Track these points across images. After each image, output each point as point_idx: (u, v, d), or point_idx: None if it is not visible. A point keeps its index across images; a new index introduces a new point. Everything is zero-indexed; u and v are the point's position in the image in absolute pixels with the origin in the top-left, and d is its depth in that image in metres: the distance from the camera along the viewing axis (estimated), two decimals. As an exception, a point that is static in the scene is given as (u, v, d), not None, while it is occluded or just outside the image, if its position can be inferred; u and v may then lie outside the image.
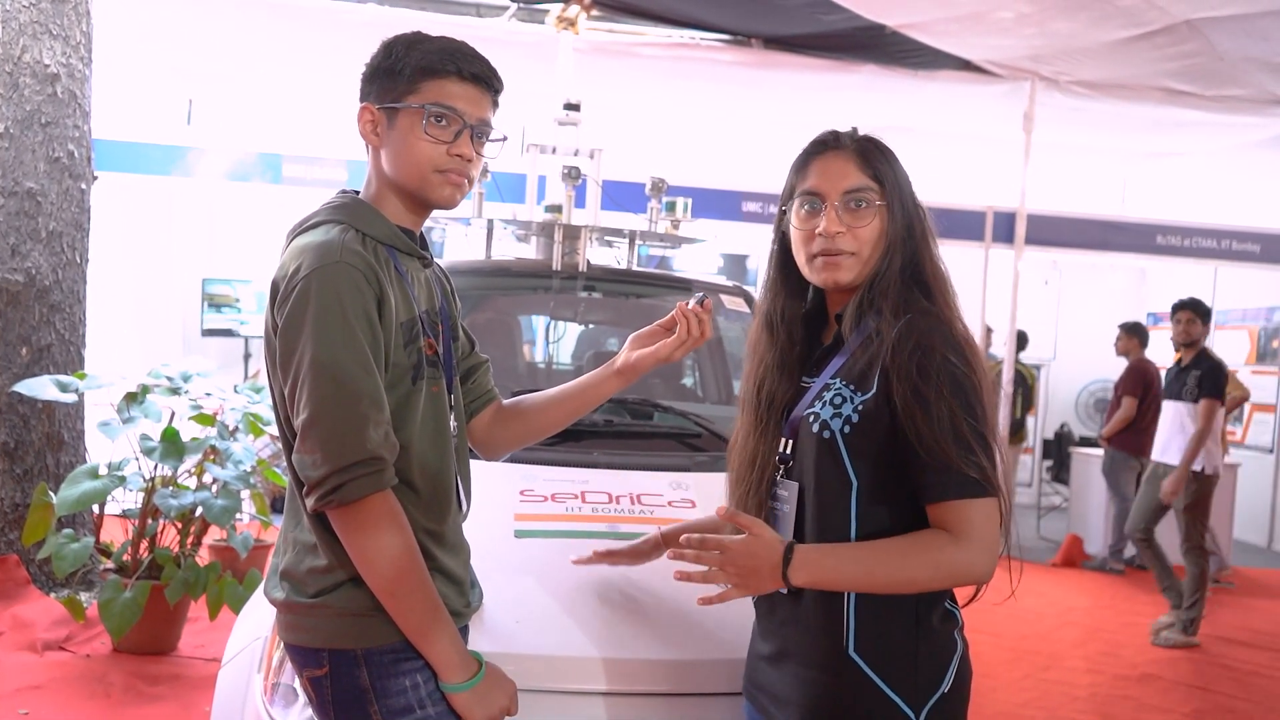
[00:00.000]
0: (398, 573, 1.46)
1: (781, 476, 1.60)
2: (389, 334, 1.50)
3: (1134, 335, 7.40)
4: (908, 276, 1.54)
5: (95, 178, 5.05)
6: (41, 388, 4.20)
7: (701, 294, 1.75)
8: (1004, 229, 7.64)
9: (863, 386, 1.49)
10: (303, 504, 1.52)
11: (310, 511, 1.49)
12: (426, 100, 1.53)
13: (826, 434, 1.50)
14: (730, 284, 3.56)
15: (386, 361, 1.50)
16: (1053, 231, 7.78)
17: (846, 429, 1.49)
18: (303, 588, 1.53)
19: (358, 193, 1.63)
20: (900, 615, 1.48)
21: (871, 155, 1.57)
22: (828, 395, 1.53)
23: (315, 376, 1.42)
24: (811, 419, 1.53)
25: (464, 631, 1.69)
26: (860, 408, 1.48)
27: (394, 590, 1.47)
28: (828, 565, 1.45)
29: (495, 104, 1.61)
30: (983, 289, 7.64)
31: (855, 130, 1.62)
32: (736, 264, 9.47)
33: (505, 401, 1.89)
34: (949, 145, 8.17)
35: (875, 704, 1.47)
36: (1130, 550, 7.33)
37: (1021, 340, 8.09)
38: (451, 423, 1.66)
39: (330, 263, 1.45)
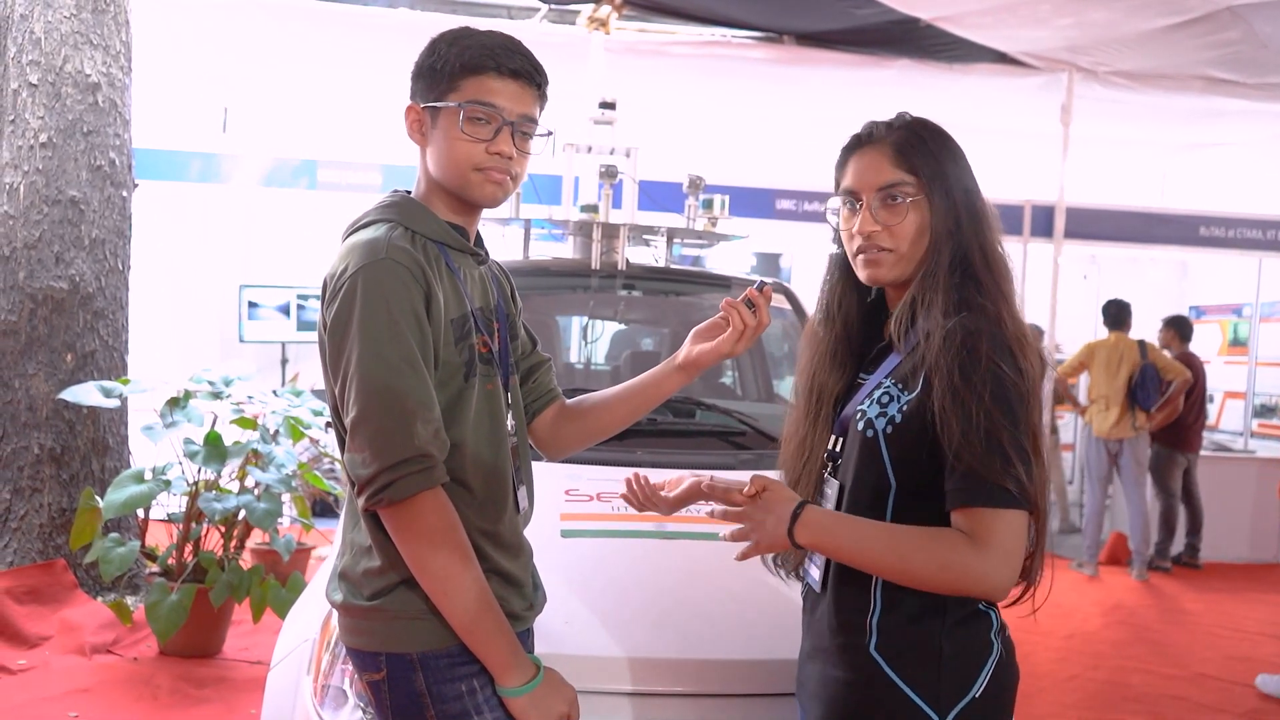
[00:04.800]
0: (450, 572, 1.44)
1: (829, 474, 1.57)
2: (438, 331, 1.48)
3: (1172, 328, 7.28)
4: (959, 271, 1.47)
5: (136, 185, 5.10)
6: (86, 394, 4.25)
7: (760, 281, 1.72)
8: (1043, 223, 7.55)
9: (909, 386, 1.44)
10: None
11: (361, 511, 1.48)
12: (466, 98, 1.50)
13: (870, 433, 1.46)
14: (771, 280, 3.53)
15: (436, 359, 1.49)
16: (1092, 225, 7.68)
17: (889, 429, 1.44)
18: (359, 590, 1.52)
19: (409, 192, 1.62)
20: (926, 615, 1.42)
21: (908, 146, 1.50)
22: (877, 394, 1.49)
23: (362, 375, 1.42)
24: (859, 417, 1.50)
25: (526, 635, 1.66)
26: (905, 408, 1.43)
27: (447, 590, 1.45)
28: (834, 531, 1.41)
29: (541, 98, 1.57)
30: (1021, 284, 7.53)
31: (901, 116, 1.56)
32: (770, 262, 9.42)
33: (568, 401, 1.86)
34: (986, 139, 8.06)
35: (897, 705, 1.42)
36: (1177, 547, 7.22)
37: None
38: (509, 421, 1.63)
39: (376, 260, 1.44)
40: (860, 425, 1.49)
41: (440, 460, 1.45)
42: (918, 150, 1.50)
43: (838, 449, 1.56)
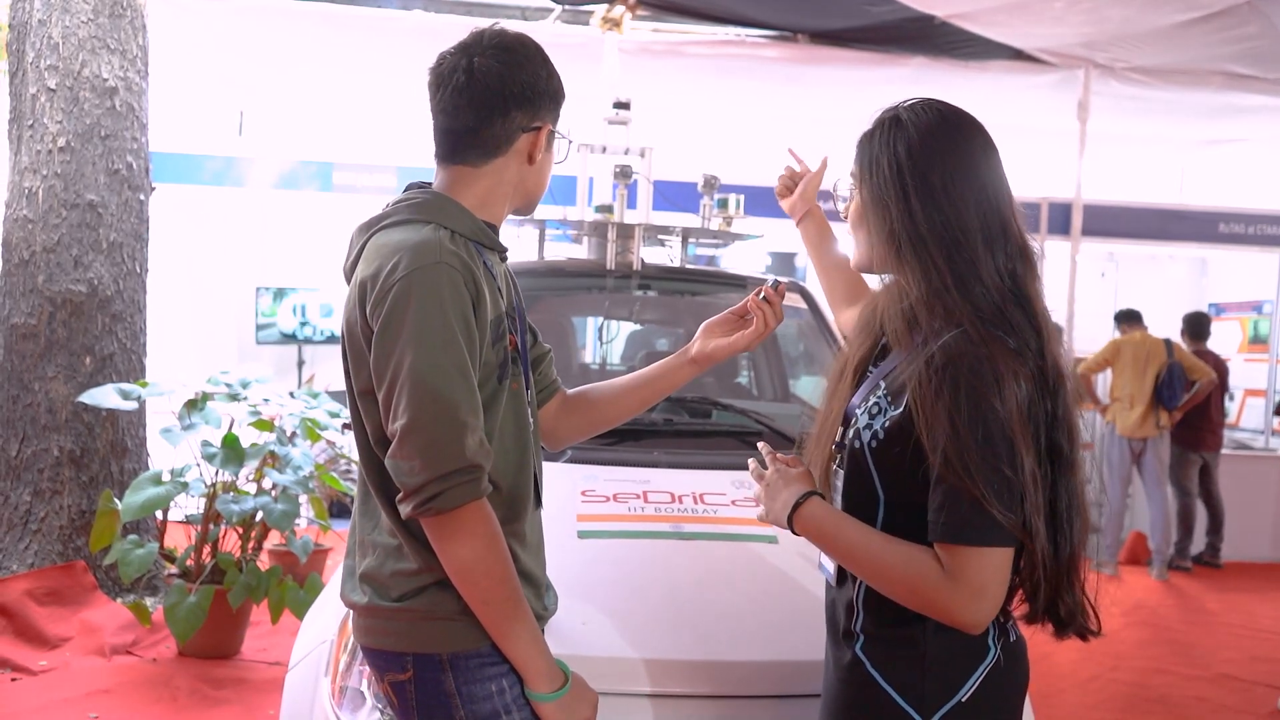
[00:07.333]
0: (492, 581, 1.44)
1: (837, 465, 1.54)
2: (482, 334, 1.48)
3: (1181, 324, 7.24)
4: (936, 275, 1.39)
5: (153, 189, 5.12)
6: (105, 396, 4.27)
7: (774, 279, 1.72)
8: (1060, 220, 7.50)
9: (896, 401, 1.40)
10: (382, 506, 1.50)
11: (405, 518, 1.46)
12: (561, 127, 1.61)
13: (858, 444, 1.45)
14: (786, 280, 3.52)
15: (479, 362, 1.48)
16: (1110, 222, 7.63)
17: (874, 444, 1.42)
18: (386, 591, 1.51)
19: (427, 184, 1.59)
20: (908, 618, 1.39)
21: (862, 137, 1.50)
22: (872, 400, 1.46)
23: (415, 382, 1.39)
24: (854, 420, 1.47)
25: None
26: (888, 424, 1.40)
27: (487, 598, 1.45)
28: (826, 531, 1.44)
29: None
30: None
31: (891, 108, 1.51)
32: (785, 261, 9.40)
33: (570, 391, 1.86)
34: (1002, 136, 7.76)
35: (882, 708, 1.41)
36: (1197, 547, 7.16)
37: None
38: (529, 419, 1.63)
39: (430, 263, 1.42)
40: (852, 432, 1.47)
41: (486, 470, 1.45)
42: (861, 144, 1.50)
43: (841, 440, 1.53)
